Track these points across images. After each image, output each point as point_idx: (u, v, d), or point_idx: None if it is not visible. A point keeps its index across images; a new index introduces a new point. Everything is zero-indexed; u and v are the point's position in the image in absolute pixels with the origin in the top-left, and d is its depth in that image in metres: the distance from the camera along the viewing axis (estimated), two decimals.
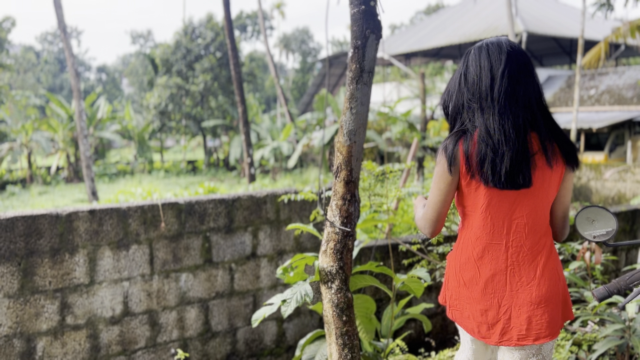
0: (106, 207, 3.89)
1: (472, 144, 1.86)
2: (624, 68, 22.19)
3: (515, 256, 1.92)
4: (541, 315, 1.90)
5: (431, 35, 27.79)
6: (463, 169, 1.88)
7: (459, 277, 2.01)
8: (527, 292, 1.91)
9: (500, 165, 1.81)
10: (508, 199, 1.89)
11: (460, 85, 1.96)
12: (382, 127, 22.93)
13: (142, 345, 4.05)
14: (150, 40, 67.29)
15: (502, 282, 1.92)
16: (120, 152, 39.81)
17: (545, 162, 1.88)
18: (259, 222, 4.45)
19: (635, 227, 5.82)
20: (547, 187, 1.91)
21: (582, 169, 16.70)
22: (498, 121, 1.83)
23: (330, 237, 2.47)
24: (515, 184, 1.84)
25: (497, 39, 1.97)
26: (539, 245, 1.94)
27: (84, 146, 15.10)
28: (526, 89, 1.88)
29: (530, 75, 1.90)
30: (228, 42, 16.93)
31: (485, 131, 1.85)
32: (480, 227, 1.94)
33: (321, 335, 3.00)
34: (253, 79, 30.70)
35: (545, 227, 1.97)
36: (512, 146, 1.81)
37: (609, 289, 2.10)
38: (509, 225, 1.92)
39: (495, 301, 1.93)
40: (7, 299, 3.57)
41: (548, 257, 1.95)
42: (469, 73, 1.94)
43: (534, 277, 1.91)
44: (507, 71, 1.87)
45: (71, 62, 14.70)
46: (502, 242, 1.92)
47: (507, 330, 1.92)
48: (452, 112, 1.99)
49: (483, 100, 1.88)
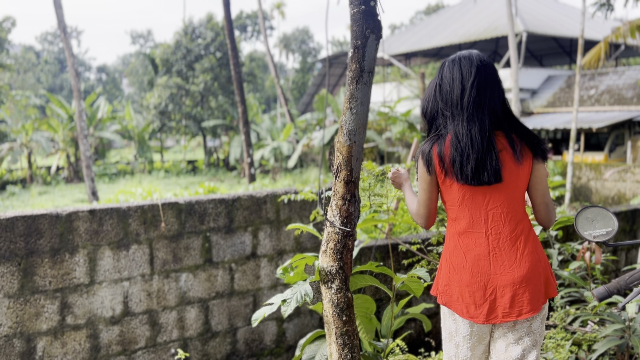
0: (106, 207, 3.89)
1: (444, 147, 2.12)
2: (623, 68, 22.19)
3: (496, 242, 2.14)
4: (522, 293, 2.10)
5: (431, 35, 27.79)
6: (438, 169, 2.15)
7: (449, 263, 2.22)
8: (509, 274, 2.11)
9: (466, 165, 2.08)
10: (481, 193, 2.14)
11: (435, 94, 2.22)
12: (382, 127, 22.93)
13: (142, 345, 4.06)
14: (150, 40, 67.30)
15: (487, 266, 2.13)
16: (120, 152, 39.81)
17: (512, 157, 2.11)
18: (259, 222, 4.45)
19: (635, 227, 5.82)
20: (517, 179, 2.13)
21: (582, 169, 16.70)
22: (466, 127, 2.09)
23: (330, 237, 2.47)
24: (481, 180, 2.09)
25: (469, 52, 2.21)
26: (516, 231, 2.15)
27: (84, 146, 15.10)
28: (492, 97, 2.13)
29: (496, 85, 2.16)
30: (228, 42, 16.93)
31: (454, 136, 2.11)
32: (460, 218, 2.18)
33: (321, 335, 3.00)
34: (253, 79, 30.71)
35: (521, 214, 2.18)
36: (477, 148, 2.07)
37: (609, 289, 2.10)
38: (485, 215, 2.15)
39: (482, 284, 2.13)
40: (7, 298, 3.57)
41: (526, 241, 2.15)
42: (443, 83, 2.19)
43: (515, 260, 2.12)
44: (476, 83, 2.12)
45: (71, 62, 14.70)
46: (482, 230, 2.15)
47: (492, 309, 2.12)
48: (429, 118, 2.25)
49: (454, 108, 2.14)
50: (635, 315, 3.20)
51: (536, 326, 2.18)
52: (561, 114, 21.88)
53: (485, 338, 2.23)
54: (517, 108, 14.16)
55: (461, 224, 2.18)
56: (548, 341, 3.64)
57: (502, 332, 2.19)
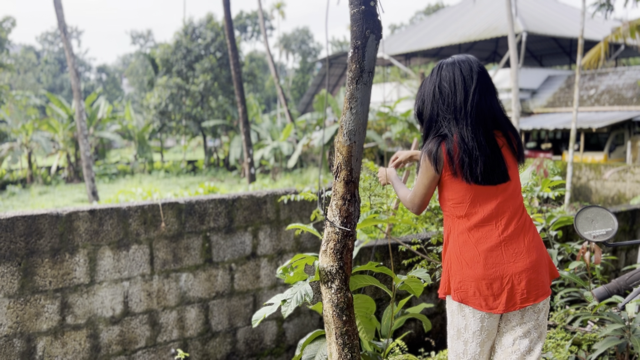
0: (106, 207, 3.90)
1: (453, 146, 2.19)
2: (623, 68, 22.18)
3: (506, 233, 2.22)
4: (536, 278, 2.20)
5: (431, 36, 27.79)
6: (447, 167, 2.21)
7: (461, 259, 2.25)
8: (521, 261, 2.20)
9: (475, 167, 2.17)
10: (490, 189, 2.23)
11: (434, 97, 2.27)
12: (382, 127, 22.93)
13: (142, 345, 4.06)
14: (150, 40, 67.28)
15: (500, 256, 2.20)
16: (120, 152, 39.80)
17: (511, 154, 2.27)
18: (259, 222, 4.45)
19: (635, 227, 5.82)
20: (516, 174, 2.29)
21: (582, 169, 16.70)
22: (471, 130, 2.17)
23: (330, 237, 2.47)
24: (492, 181, 2.20)
25: (466, 57, 2.28)
26: (521, 221, 2.26)
27: (84, 146, 15.11)
28: (492, 103, 2.24)
29: (493, 92, 2.28)
30: (228, 42, 16.93)
31: (460, 139, 2.18)
32: (471, 214, 2.24)
33: (321, 335, 3.00)
34: (253, 79, 30.70)
35: (522, 205, 2.32)
36: (484, 151, 2.17)
37: (608, 288, 2.10)
38: (495, 209, 2.23)
39: (498, 274, 2.19)
40: (7, 298, 3.57)
41: (530, 229, 2.27)
42: (442, 86, 2.25)
43: (524, 247, 2.22)
44: (479, 88, 2.21)
45: (71, 62, 14.70)
46: (492, 223, 2.23)
47: (510, 297, 2.18)
48: (427, 119, 2.30)
49: (457, 112, 2.20)
50: (635, 315, 3.21)
51: (542, 318, 2.26)
52: (561, 114, 21.88)
53: (493, 333, 2.28)
54: (517, 108, 14.15)
55: (472, 220, 2.24)
56: (548, 341, 3.64)
57: (510, 326, 2.25)
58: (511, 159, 2.27)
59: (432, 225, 6.34)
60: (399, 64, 28.23)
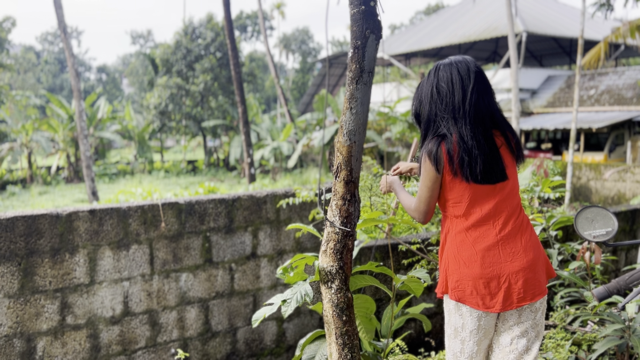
0: (106, 207, 3.90)
1: (452, 146, 2.19)
2: (623, 68, 22.18)
3: (503, 232, 2.23)
4: (533, 277, 2.21)
5: (431, 36, 27.78)
6: (447, 167, 2.21)
7: (458, 258, 2.25)
8: (519, 261, 2.21)
9: (475, 166, 2.17)
10: (489, 189, 2.24)
11: (432, 97, 2.28)
12: (382, 127, 22.93)
13: (142, 345, 4.06)
14: (150, 40, 67.28)
15: (497, 255, 2.21)
16: (120, 152, 39.81)
17: (510, 153, 2.27)
18: (259, 222, 4.45)
19: (635, 227, 5.82)
20: (514, 173, 2.30)
21: (582, 169, 16.70)
22: (470, 129, 2.18)
23: (330, 237, 2.47)
24: (491, 180, 2.21)
25: (463, 58, 2.29)
26: (518, 221, 2.26)
27: (84, 146, 15.11)
28: (489, 102, 2.25)
29: (490, 91, 2.29)
30: (228, 42, 16.93)
31: (460, 138, 2.18)
32: (469, 214, 2.25)
33: (321, 335, 3.00)
34: (253, 79, 30.70)
35: (520, 205, 2.33)
36: (484, 150, 2.18)
37: (608, 288, 2.10)
38: (493, 209, 2.23)
39: (495, 273, 2.19)
40: (7, 298, 3.57)
41: (527, 229, 2.27)
42: (440, 87, 2.26)
43: (521, 247, 2.22)
44: (477, 88, 2.23)
45: (71, 62, 14.70)
46: (490, 222, 2.23)
47: (508, 296, 2.19)
48: (425, 120, 2.32)
49: (456, 112, 2.21)
50: (635, 315, 3.20)
51: (539, 317, 2.28)
52: (561, 114, 21.87)
53: (490, 332, 2.28)
54: (517, 108, 14.15)
55: (470, 219, 2.24)
56: (548, 341, 3.64)
57: (508, 325, 2.26)
58: (509, 158, 2.28)
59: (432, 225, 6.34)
60: (399, 64, 28.23)
